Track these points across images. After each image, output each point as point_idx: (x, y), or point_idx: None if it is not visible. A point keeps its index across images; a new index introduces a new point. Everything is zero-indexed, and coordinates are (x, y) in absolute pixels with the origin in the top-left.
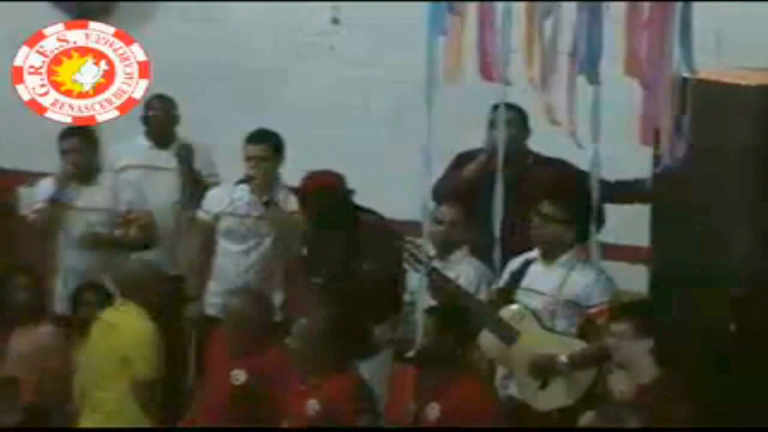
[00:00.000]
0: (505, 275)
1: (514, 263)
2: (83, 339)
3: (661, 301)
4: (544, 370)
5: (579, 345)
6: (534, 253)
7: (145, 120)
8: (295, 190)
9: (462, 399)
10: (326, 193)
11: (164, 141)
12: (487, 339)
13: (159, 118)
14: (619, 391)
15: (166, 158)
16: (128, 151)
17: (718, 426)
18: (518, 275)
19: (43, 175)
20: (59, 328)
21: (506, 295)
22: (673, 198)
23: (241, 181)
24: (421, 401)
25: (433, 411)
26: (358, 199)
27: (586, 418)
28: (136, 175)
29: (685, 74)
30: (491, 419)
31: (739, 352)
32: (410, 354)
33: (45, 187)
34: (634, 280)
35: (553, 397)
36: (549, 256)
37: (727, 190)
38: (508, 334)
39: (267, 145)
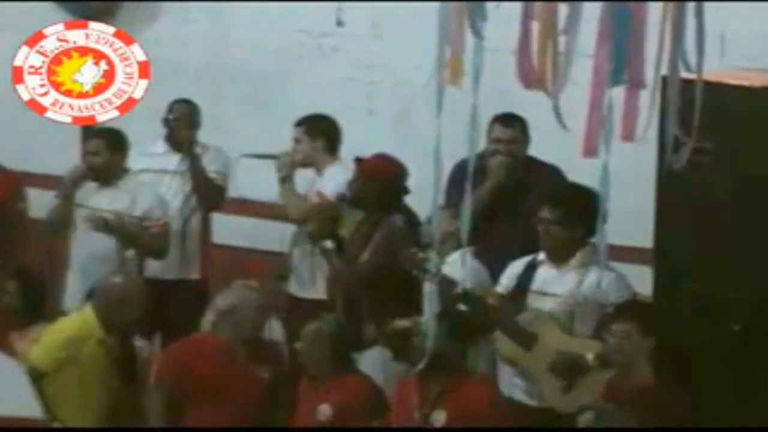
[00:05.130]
0: (508, 279)
1: (517, 266)
2: None
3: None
4: (570, 371)
5: (598, 345)
6: (541, 256)
7: (166, 123)
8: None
9: (469, 404)
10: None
11: (183, 145)
12: (505, 343)
13: (179, 123)
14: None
15: (179, 162)
16: (144, 155)
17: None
18: (525, 278)
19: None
20: None
21: (517, 299)
22: (678, 200)
23: None
24: (426, 408)
25: (440, 418)
26: None
27: (585, 418)
28: (151, 179)
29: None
30: (498, 423)
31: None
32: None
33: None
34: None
35: (577, 398)
36: (559, 258)
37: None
38: (527, 339)
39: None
